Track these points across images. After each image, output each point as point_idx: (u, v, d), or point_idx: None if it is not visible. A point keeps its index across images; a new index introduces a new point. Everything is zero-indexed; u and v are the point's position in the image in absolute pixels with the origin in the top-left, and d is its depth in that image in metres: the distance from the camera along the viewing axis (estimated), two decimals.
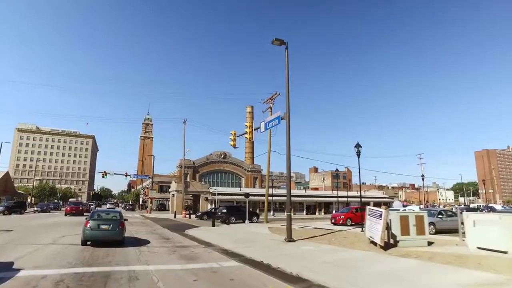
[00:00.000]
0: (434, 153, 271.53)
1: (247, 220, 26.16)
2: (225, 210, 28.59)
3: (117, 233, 12.21)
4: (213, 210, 37.00)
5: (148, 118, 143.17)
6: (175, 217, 37.53)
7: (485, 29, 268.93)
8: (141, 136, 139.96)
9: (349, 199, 60.96)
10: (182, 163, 47.45)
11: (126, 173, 46.87)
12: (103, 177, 44.29)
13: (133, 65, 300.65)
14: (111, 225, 12.19)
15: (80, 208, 35.64)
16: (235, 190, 54.05)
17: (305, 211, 54.80)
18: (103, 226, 12.07)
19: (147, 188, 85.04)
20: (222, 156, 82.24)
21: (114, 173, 45.83)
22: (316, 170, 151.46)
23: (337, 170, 68.23)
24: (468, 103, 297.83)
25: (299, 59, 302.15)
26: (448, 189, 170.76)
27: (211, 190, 49.12)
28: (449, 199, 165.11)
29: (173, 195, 49.53)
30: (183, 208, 45.20)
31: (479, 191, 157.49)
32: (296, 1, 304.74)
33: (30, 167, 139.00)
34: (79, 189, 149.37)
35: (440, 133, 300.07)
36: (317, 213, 55.80)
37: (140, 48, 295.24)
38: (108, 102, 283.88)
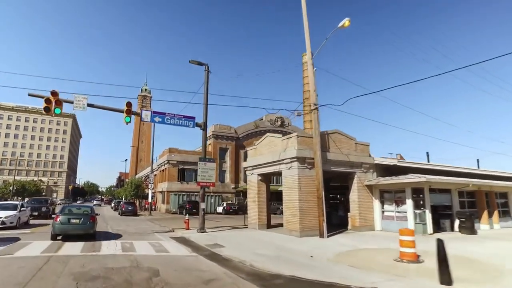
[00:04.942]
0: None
1: None
2: None
3: (88, 226, 12.15)
4: None
5: (145, 89, 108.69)
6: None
7: None
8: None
9: None
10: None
11: (127, 107, 14.59)
12: (45, 110, 12.01)
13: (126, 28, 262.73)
14: (82, 219, 12.13)
15: None
16: None
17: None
18: (73, 220, 12.01)
19: (154, 174, 51.44)
20: (279, 123, 50.23)
21: (88, 104, 13.59)
22: None
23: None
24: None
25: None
26: None
27: (403, 163, 17.01)
28: None
29: (285, 172, 17.47)
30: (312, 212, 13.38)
31: None
32: None
33: None
34: (55, 183, 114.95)
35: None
36: None
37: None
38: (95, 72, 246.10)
